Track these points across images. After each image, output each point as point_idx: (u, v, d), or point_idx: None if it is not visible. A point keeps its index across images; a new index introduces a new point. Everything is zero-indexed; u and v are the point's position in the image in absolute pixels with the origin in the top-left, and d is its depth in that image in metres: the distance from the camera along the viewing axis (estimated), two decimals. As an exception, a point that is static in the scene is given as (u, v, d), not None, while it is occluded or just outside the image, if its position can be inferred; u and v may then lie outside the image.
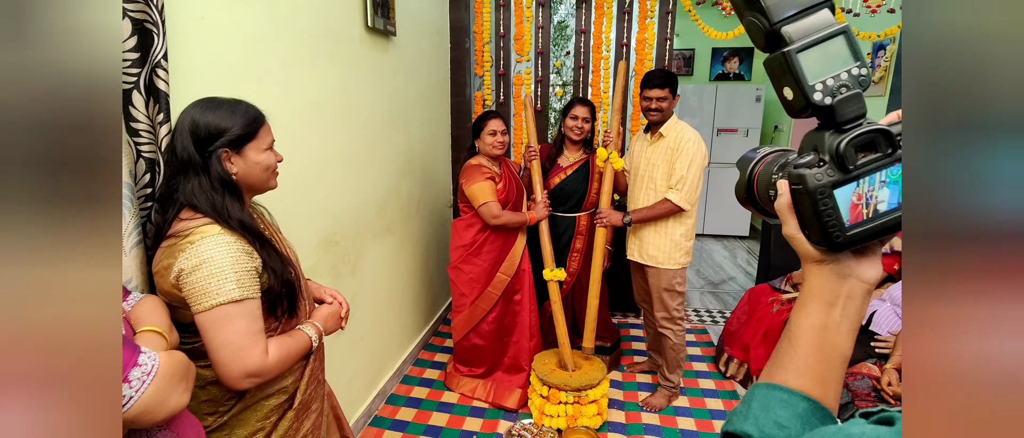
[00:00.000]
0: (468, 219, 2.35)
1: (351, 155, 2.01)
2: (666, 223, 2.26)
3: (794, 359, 0.48)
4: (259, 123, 1.01)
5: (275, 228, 1.15)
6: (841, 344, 0.48)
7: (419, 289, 2.88)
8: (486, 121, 2.28)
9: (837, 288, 0.48)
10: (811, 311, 0.49)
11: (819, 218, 0.46)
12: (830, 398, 0.47)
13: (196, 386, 1.00)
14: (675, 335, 2.34)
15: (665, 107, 2.19)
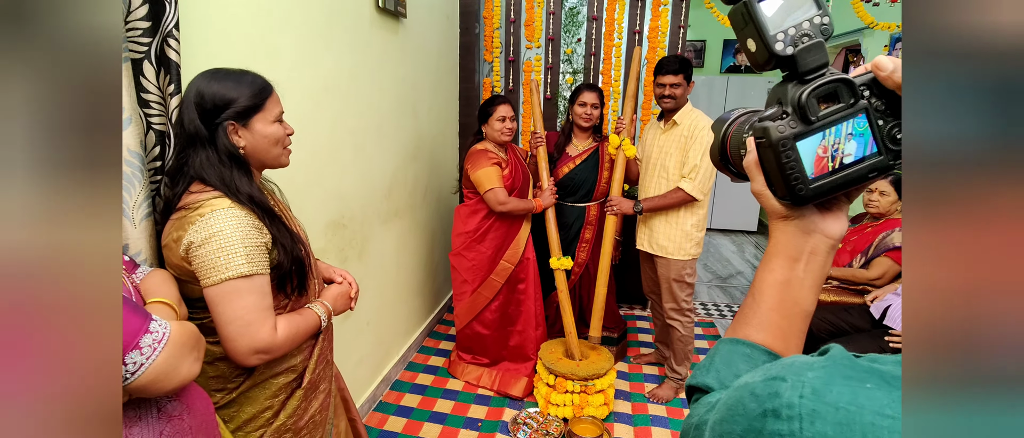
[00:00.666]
0: (473, 205, 2.34)
1: (361, 139, 2.01)
2: (677, 213, 2.24)
3: (757, 314, 0.49)
4: (266, 93, 0.99)
5: (285, 205, 1.14)
6: (803, 299, 0.48)
7: (424, 276, 2.88)
8: (495, 106, 2.27)
9: (801, 244, 0.48)
10: (775, 267, 0.49)
11: (782, 171, 0.46)
12: (791, 352, 0.48)
13: (205, 361, 0.99)
14: (684, 327, 2.33)
15: (679, 94, 2.16)
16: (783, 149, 0.46)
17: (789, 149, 0.46)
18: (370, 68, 2.05)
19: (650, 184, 2.32)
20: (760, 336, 0.48)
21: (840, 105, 0.45)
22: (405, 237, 2.55)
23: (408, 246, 2.60)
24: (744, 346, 0.48)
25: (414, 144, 2.58)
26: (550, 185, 2.40)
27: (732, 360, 0.48)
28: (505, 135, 2.29)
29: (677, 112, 2.21)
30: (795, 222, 0.49)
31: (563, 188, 2.54)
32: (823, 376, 0.34)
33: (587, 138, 2.56)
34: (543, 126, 2.48)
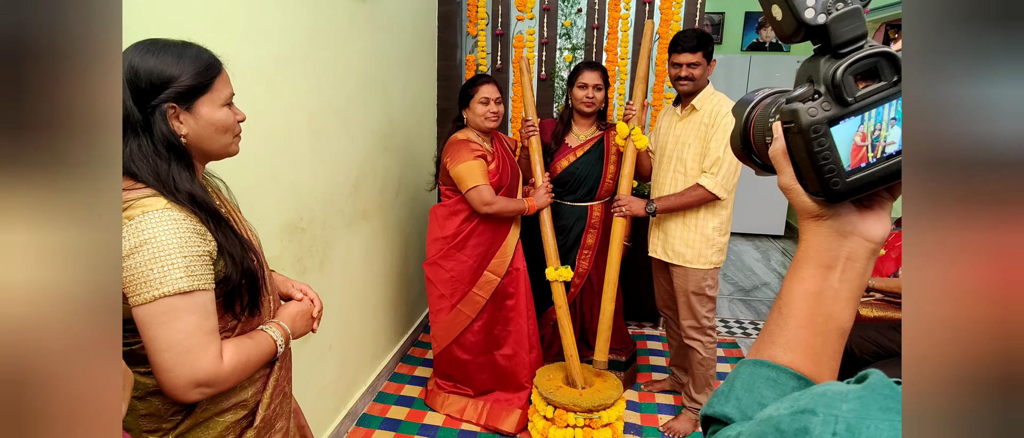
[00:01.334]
0: (452, 205, 2.33)
1: (321, 124, 1.98)
2: (697, 214, 2.25)
3: (784, 331, 0.49)
4: (214, 71, 0.97)
5: (233, 206, 1.11)
6: (839, 314, 0.48)
7: (397, 289, 2.86)
8: (477, 86, 2.26)
9: (837, 248, 0.48)
10: (805, 275, 0.49)
11: (814, 161, 0.46)
12: (824, 375, 0.48)
13: (134, 396, 0.96)
14: (704, 348, 2.34)
15: (698, 75, 2.17)
16: (815, 135, 0.45)
17: (822, 135, 0.45)
18: (332, 39, 2.03)
19: (665, 180, 2.32)
20: (788, 357, 0.48)
21: (881, 84, 0.45)
22: (374, 243, 2.53)
23: (378, 254, 2.58)
24: (769, 369, 0.48)
25: (385, 131, 2.56)
26: (545, 182, 2.40)
27: (755, 385, 0.48)
28: (490, 121, 2.28)
29: (696, 96, 2.22)
30: (829, 222, 0.49)
31: (561, 185, 2.54)
32: (859, 408, 0.34)
33: (589, 126, 2.55)
34: (535, 112, 2.47)
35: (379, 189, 2.54)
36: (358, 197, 2.33)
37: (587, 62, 2.52)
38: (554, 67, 3.30)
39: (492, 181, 2.26)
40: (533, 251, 2.56)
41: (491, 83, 2.29)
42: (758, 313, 3.79)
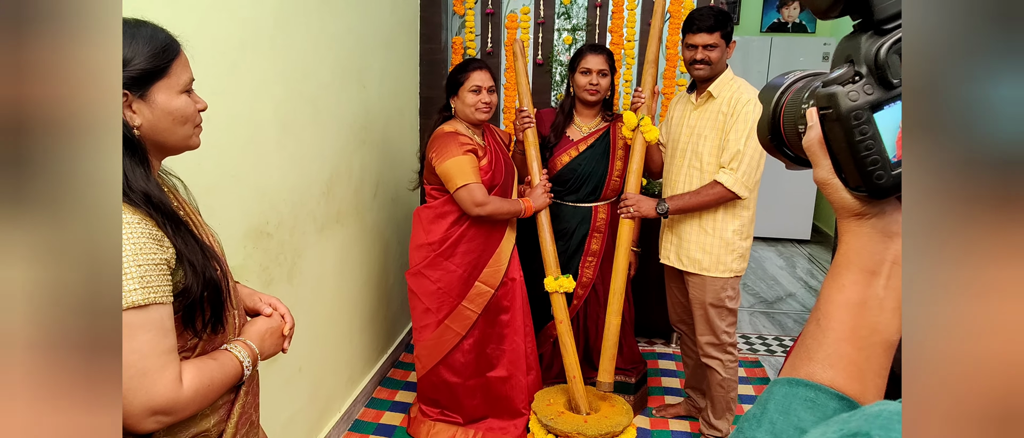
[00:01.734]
0: (438, 207, 2.33)
1: (290, 116, 1.99)
2: (714, 216, 2.26)
3: (823, 345, 0.49)
4: (171, 54, 0.97)
5: (193, 208, 1.11)
6: (885, 325, 0.48)
7: (376, 302, 2.86)
8: (467, 73, 2.27)
9: (881, 251, 0.49)
10: (846, 282, 0.49)
11: (855, 152, 0.46)
12: (869, 395, 0.48)
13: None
14: (724, 367, 2.35)
15: (716, 58, 2.19)
16: (856, 123, 0.45)
17: (864, 122, 0.45)
18: (302, 19, 2.03)
19: (678, 177, 2.33)
20: (828, 375, 0.48)
21: None
22: (350, 250, 2.53)
23: (354, 262, 2.58)
24: (806, 388, 0.48)
25: (361, 124, 2.56)
26: (543, 180, 2.41)
27: (791, 407, 0.47)
28: (481, 112, 2.28)
29: (713, 81, 2.24)
30: (872, 222, 0.49)
31: (562, 183, 2.55)
32: None
33: (594, 117, 2.57)
34: (532, 101, 2.48)
35: (355, 189, 2.54)
36: (331, 198, 2.32)
37: (590, 45, 2.54)
38: (552, 50, 3.32)
39: (484, 179, 2.27)
40: (531, 259, 2.57)
41: (483, 69, 2.30)
42: (783, 327, 3.82)
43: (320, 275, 2.27)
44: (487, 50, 3.32)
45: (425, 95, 3.33)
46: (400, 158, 3.06)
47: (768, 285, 4.61)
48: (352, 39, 2.44)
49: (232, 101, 1.68)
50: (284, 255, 2.00)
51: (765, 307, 4.17)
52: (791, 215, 5.72)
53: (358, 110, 2.53)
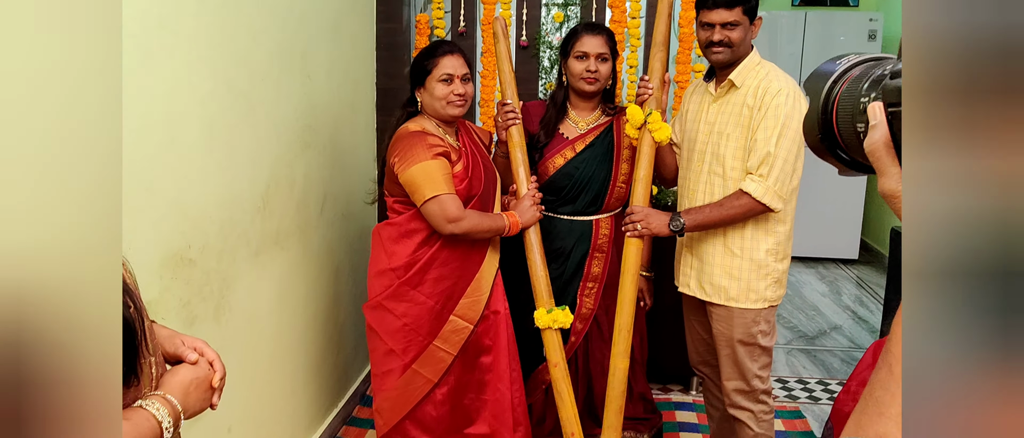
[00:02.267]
0: (403, 224, 2.34)
1: (217, 113, 1.98)
2: (742, 233, 2.28)
3: (899, 398, 0.49)
4: None
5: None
6: None
7: (326, 344, 2.84)
8: (436, 58, 2.29)
9: None
10: None
11: None
12: None
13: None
14: (757, 421, 2.36)
15: (737, 39, 2.21)
16: None
17: None
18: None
19: (696, 185, 2.35)
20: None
21: None
22: (292, 279, 2.52)
23: (297, 294, 2.57)
24: None
25: (305, 122, 2.56)
26: (532, 189, 2.41)
27: None
28: (454, 106, 2.30)
29: (735, 67, 2.26)
30: None
31: (556, 192, 2.56)
32: None
33: (592, 110, 2.59)
34: (516, 92, 2.48)
35: (298, 203, 2.53)
36: (269, 215, 2.32)
37: (587, 24, 2.56)
38: (539, 31, 3.33)
39: (459, 188, 2.27)
40: (517, 287, 2.56)
41: (455, 53, 2.31)
42: (828, 368, 3.83)
43: (255, 311, 2.26)
44: (459, 30, 3.32)
45: (383, 86, 3.33)
46: (353, 163, 3.05)
47: (808, 316, 4.63)
48: (294, 19, 2.44)
49: (146, 96, 1.67)
50: (210, 287, 1.98)
51: (805, 343, 4.18)
52: (834, 230, 5.77)
53: (301, 106, 2.52)
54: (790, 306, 4.78)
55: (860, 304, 4.91)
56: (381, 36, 3.31)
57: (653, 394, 3.32)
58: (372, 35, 3.28)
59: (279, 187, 2.38)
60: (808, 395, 3.51)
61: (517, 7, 3.32)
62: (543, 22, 3.34)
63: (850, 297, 5.06)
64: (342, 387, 3.08)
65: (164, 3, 1.72)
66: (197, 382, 1.14)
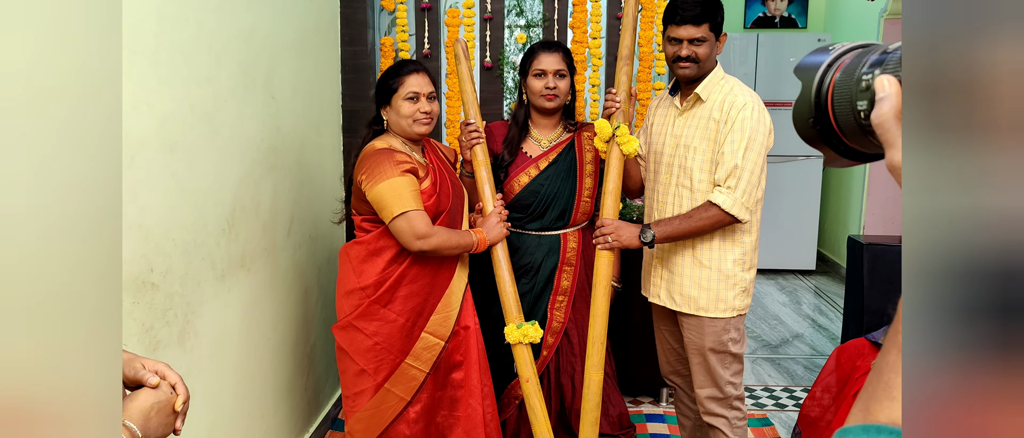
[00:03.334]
0: (371, 243, 2.31)
1: (180, 135, 1.94)
2: (710, 244, 2.28)
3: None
4: None
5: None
6: None
7: (295, 367, 2.79)
8: (401, 77, 2.29)
9: None
10: None
11: None
12: None
13: None
14: (731, 427, 2.35)
15: (704, 54, 2.23)
16: None
17: None
18: (194, 13, 2.00)
19: (663, 196, 2.35)
20: None
21: None
22: (259, 302, 2.47)
23: (265, 317, 2.52)
24: (891, 436, 0.48)
25: (270, 144, 2.52)
26: (498, 206, 2.41)
27: None
28: (421, 124, 2.29)
29: (702, 81, 2.26)
30: None
31: (523, 209, 2.56)
32: None
33: (553, 127, 2.60)
34: (479, 112, 2.48)
35: (264, 225, 2.48)
36: (234, 237, 2.27)
37: (543, 42, 2.59)
38: (503, 52, 3.33)
39: (427, 205, 2.25)
40: (488, 302, 2.55)
41: (420, 72, 2.31)
42: (792, 376, 3.85)
43: (221, 335, 2.20)
44: (424, 53, 3.31)
45: (349, 108, 3.30)
46: (320, 185, 3.01)
47: (771, 325, 4.66)
48: (257, 40, 2.40)
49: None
50: (174, 311, 1.93)
51: (769, 352, 4.20)
52: (792, 243, 5.85)
53: (265, 127, 2.48)
54: (753, 316, 4.81)
55: (820, 313, 4.96)
56: (346, 59, 3.29)
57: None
58: (337, 57, 3.26)
59: (244, 209, 2.33)
60: (775, 403, 3.51)
61: (481, 29, 3.32)
62: (506, 43, 3.35)
63: (810, 306, 5.11)
64: (313, 411, 3.02)
65: (132, 17, 1.67)
66: (158, 406, 1.10)
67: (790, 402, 3.51)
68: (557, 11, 3.29)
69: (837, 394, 2.75)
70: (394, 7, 3.28)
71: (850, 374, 2.75)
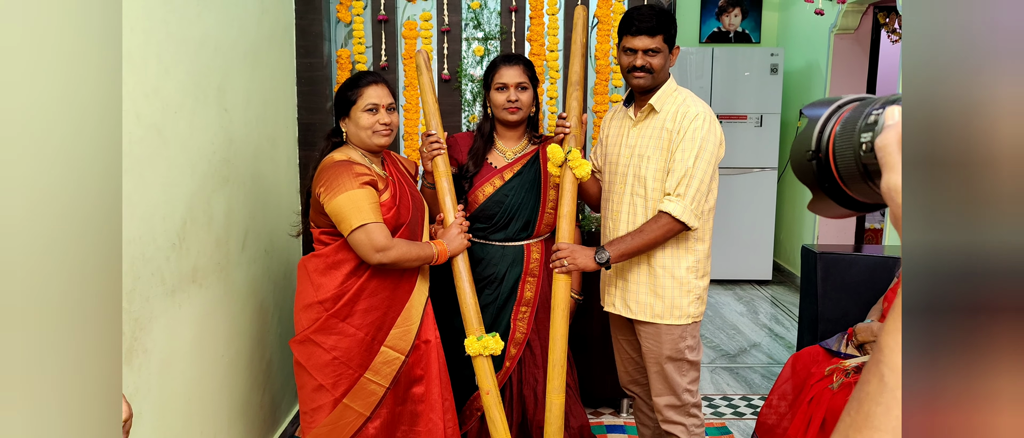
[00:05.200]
0: (330, 256, 2.28)
1: (129, 143, 1.89)
2: (663, 252, 2.30)
3: (892, 410, 0.47)
4: None
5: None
6: None
7: (250, 384, 2.73)
8: (359, 88, 2.27)
9: None
10: None
11: None
12: None
13: None
14: (689, 434, 2.36)
15: (658, 65, 2.24)
16: None
17: None
18: (141, 21, 1.96)
19: (619, 206, 2.36)
20: None
21: None
22: (212, 317, 2.41)
23: (218, 333, 2.46)
24: None
25: (222, 156, 2.47)
26: (459, 217, 2.39)
27: None
28: (381, 135, 2.28)
29: (655, 92, 2.28)
30: None
31: (488, 219, 2.55)
32: None
33: (518, 139, 2.61)
34: (441, 123, 2.46)
35: (217, 239, 2.43)
36: (185, 252, 2.21)
37: (504, 55, 2.59)
38: (461, 64, 3.32)
39: (387, 217, 2.23)
40: (449, 314, 2.53)
41: (379, 83, 2.30)
42: (750, 384, 3.87)
43: (171, 352, 2.14)
44: (381, 65, 3.28)
45: (305, 121, 3.25)
46: (275, 198, 2.96)
47: (728, 335, 4.69)
48: (208, 51, 2.35)
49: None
50: (123, 328, 1.86)
51: (727, 361, 4.23)
52: (748, 253, 5.92)
53: (218, 139, 2.43)
54: (711, 326, 4.84)
55: (776, 322, 5.01)
56: (301, 71, 3.24)
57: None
58: (292, 70, 3.21)
59: (196, 223, 2.27)
60: (733, 411, 3.53)
61: (438, 41, 3.30)
62: (464, 56, 3.34)
63: (766, 315, 5.16)
64: (270, 428, 2.94)
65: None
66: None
67: (748, 410, 3.53)
68: (515, 24, 3.28)
69: (793, 401, 2.78)
70: (350, 19, 3.25)
71: (805, 381, 2.78)
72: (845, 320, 3.16)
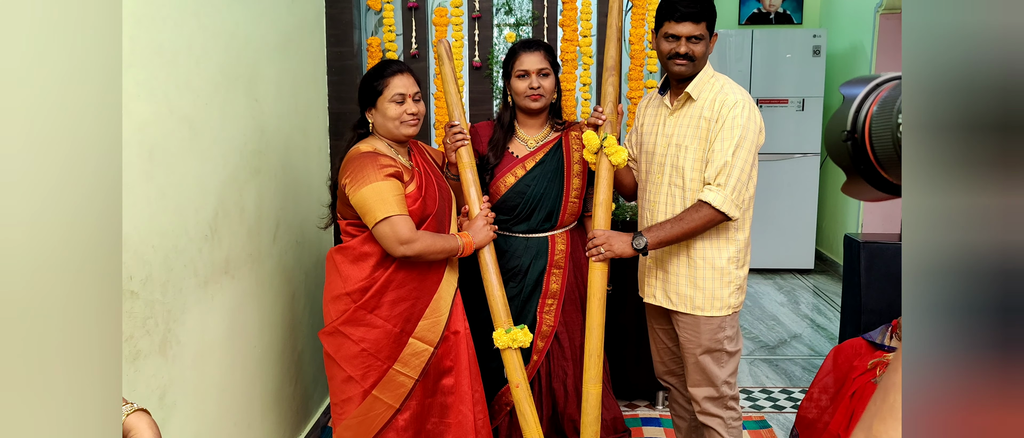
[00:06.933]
0: (357, 247, 2.30)
1: (159, 139, 1.92)
2: (703, 242, 2.28)
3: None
4: None
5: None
6: None
7: (282, 376, 2.77)
8: (385, 78, 2.27)
9: None
10: None
11: None
12: None
13: None
14: (727, 428, 2.34)
15: (700, 53, 2.23)
16: None
17: None
18: (172, 13, 1.98)
19: (657, 197, 2.34)
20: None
21: None
22: (244, 309, 2.45)
23: (250, 324, 2.50)
24: None
25: (254, 148, 2.50)
26: (484, 209, 2.39)
27: None
28: (407, 126, 2.28)
29: (692, 80, 2.25)
30: None
31: (510, 211, 2.55)
32: None
33: (540, 127, 2.59)
34: (463, 113, 2.47)
35: (249, 230, 2.46)
36: (218, 243, 2.25)
37: (524, 41, 2.57)
38: (492, 51, 3.32)
39: (412, 208, 2.23)
40: (478, 306, 2.53)
41: (405, 72, 2.29)
42: (790, 377, 3.83)
43: (205, 344, 2.18)
44: (412, 52, 3.29)
45: (335, 110, 3.28)
46: (306, 189, 2.99)
47: (768, 326, 4.65)
48: (239, 41, 2.38)
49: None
50: (155, 320, 1.91)
51: (767, 353, 4.19)
52: (789, 242, 5.85)
53: (249, 130, 2.46)
54: (750, 317, 4.80)
55: (818, 312, 4.95)
56: (332, 60, 3.27)
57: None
58: (323, 58, 3.24)
59: (228, 214, 2.31)
60: (772, 404, 3.50)
61: (469, 28, 3.30)
62: (495, 43, 3.33)
63: (808, 306, 5.10)
64: (302, 419, 2.99)
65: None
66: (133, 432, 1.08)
67: (788, 404, 3.49)
68: (546, 9, 3.27)
69: (834, 395, 2.74)
70: (380, 7, 3.26)
71: (847, 374, 2.74)
72: (889, 312, 3.11)
